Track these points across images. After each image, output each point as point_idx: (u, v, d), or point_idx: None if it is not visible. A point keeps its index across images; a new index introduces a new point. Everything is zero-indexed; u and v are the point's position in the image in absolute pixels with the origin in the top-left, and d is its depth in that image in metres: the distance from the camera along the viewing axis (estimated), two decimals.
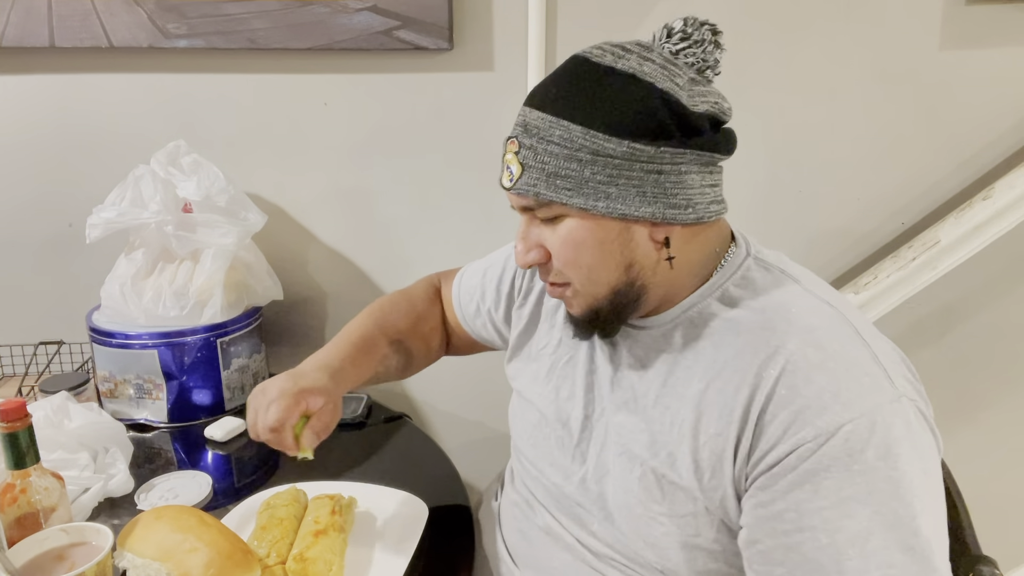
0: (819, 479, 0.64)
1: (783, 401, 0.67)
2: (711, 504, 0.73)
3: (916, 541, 0.63)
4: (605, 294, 0.77)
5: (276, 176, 1.49)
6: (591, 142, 0.71)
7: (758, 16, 1.32)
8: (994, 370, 1.48)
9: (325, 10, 1.35)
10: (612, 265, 0.75)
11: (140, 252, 1.31)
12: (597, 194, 0.72)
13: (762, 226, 1.42)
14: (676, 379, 0.78)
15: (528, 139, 0.74)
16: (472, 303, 1.08)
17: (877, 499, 0.63)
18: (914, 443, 0.65)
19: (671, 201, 0.72)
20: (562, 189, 0.72)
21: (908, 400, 0.67)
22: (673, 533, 0.76)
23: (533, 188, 0.74)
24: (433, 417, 1.62)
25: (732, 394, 0.71)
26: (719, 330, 0.76)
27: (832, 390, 0.66)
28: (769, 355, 0.70)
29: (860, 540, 0.63)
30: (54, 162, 1.49)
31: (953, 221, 1.33)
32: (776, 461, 0.67)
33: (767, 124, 1.38)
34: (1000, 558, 0.80)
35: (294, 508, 0.95)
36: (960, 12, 1.30)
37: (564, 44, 1.35)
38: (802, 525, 0.65)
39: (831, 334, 0.71)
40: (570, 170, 0.72)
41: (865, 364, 0.68)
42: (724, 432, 0.71)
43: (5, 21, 1.37)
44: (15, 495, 0.84)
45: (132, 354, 1.26)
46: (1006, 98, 1.34)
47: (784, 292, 0.76)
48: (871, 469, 0.63)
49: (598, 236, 0.74)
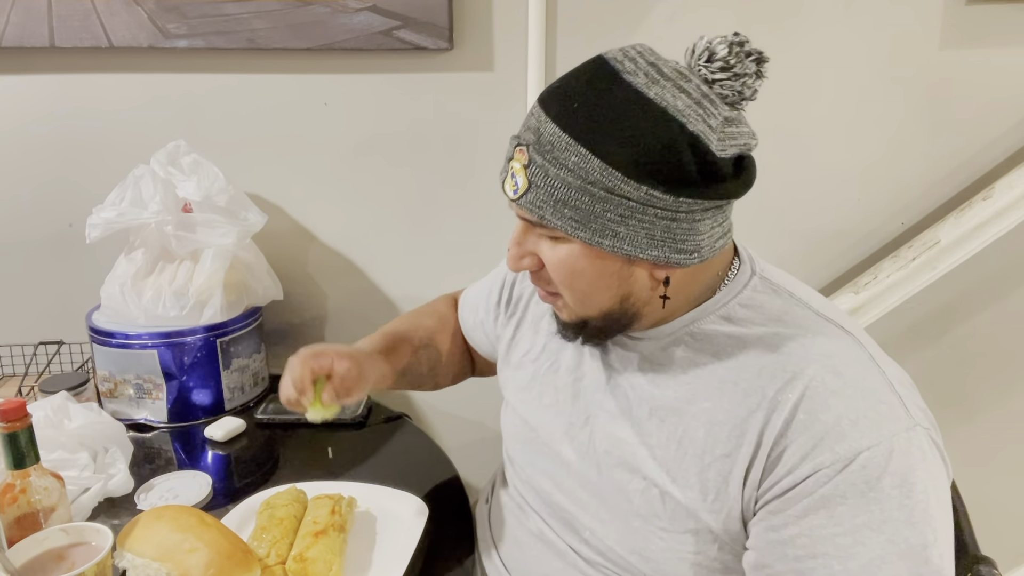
0: (834, 505, 0.64)
1: (801, 426, 0.67)
2: (715, 524, 0.72)
3: (927, 570, 0.63)
4: (595, 314, 0.76)
5: (276, 176, 1.49)
6: (608, 179, 0.67)
7: (758, 16, 1.32)
8: (994, 370, 1.48)
9: (325, 10, 1.35)
10: (607, 295, 0.75)
11: (140, 252, 1.31)
12: (604, 231, 0.69)
13: (762, 226, 1.42)
14: (674, 394, 0.76)
15: (540, 156, 0.69)
16: (473, 317, 1.09)
17: (891, 527, 0.63)
18: (928, 471, 0.65)
19: (678, 247, 0.70)
20: (569, 219, 0.69)
21: (922, 429, 0.67)
22: (673, 548, 0.75)
23: (539, 211, 0.70)
24: (433, 417, 1.62)
25: (744, 416, 0.70)
26: (725, 349, 0.75)
27: (851, 417, 0.66)
28: (787, 380, 0.69)
29: (872, 568, 0.63)
30: (54, 162, 1.49)
31: (953, 221, 1.33)
32: (792, 486, 0.66)
33: (767, 124, 1.37)
34: (1000, 558, 0.80)
35: (294, 508, 0.95)
36: (960, 12, 1.30)
37: (564, 44, 1.35)
38: (815, 552, 0.65)
39: (848, 360, 0.70)
40: (581, 203, 0.68)
41: (882, 392, 0.68)
42: (733, 454, 0.71)
43: (5, 21, 1.37)
44: (15, 495, 0.84)
45: (132, 354, 1.26)
46: (1006, 98, 1.34)
47: (796, 315, 0.75)
48: (886, 497, 0.63)
49: (597, 268, 0.73)
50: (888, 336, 1.45)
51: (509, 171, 0.73)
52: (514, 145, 0.73)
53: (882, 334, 1.44)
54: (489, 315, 1.04)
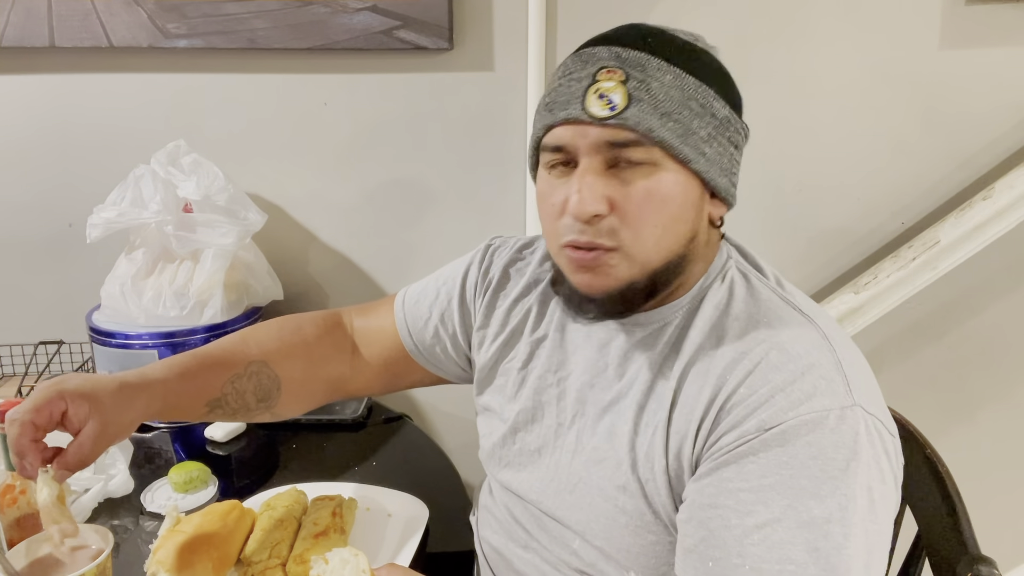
0: (746, 462, 0.64)
1: (740, 398, 0.67)
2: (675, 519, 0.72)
3: (825, 545, 0.61)
4: (656, 263, 0.72)
5: (276, 176, 1.49)
6: (703, 96, 0.69)
7: (758, 16, 1.32)
8: (994, 370, 1.48)
9: (325, 10, 1.35)
10: (682, 231, 0.72)
11: (140, 252, 1.31)
12: (699, 150, 0.69)
13: (762, 226, 1.42)
14: (657, 384, 0.75)
15: (636, 72, 0.68)
16: (423, 321, 0.97)
17: (796, 495, 0.62)
18: (856, 453, 0.62)
19: (733, 180, 0.74)
20: (673, 133, 0.67)
21: (864, 412, 0.64)
22: (663, 542, 0.73)
23: (645, 123, 0.67)
24: (433, 417, 1.62)
25: (696, 396, 0.71)
26: (698, 337, 0.74)
27: (786, 389, 0.65)
28: (735, 359, 0.69)
29: (767, 529, 0.62)
30: (54, 162, 1.49)
31: (953, 221, 1.33)
32: (718, 448, 0.67)
33: (767, 124, 1.38)
34: (1000, 558, 0.80)
35: (294, 509, 0.95)
36: (960, 12, 1.30)
37: (564, 44, 1.35)
38: (716, 503, 0.65)
39: (798, 339, 0.69)
40: (682, 116, 0.68)
41: (824, 368, 0.66)
42: (685, 432, 0.71)
43: (5, 21, 1.37)
44: (15, 496, 0.84)
45: (132, 354, 1.26)
46: (1006, 98, 1.33)
47: (765, 304, 0.74)
48: (800, 465, 0.62)
49: (686, 195, 0.70)
50: (888, 336, 1.45)
51: (593, 92, 0.69)
52: (597, 68, 0.70)
53: (882, 334, 1.44)
54: (460, 325, 0.95)
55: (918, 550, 0.92)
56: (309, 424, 1.30)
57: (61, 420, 0.70)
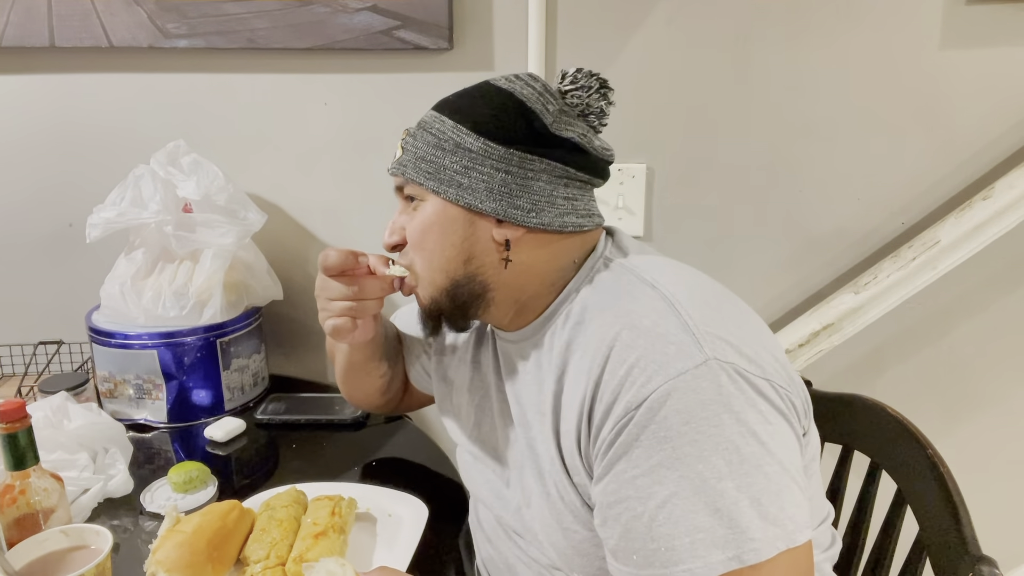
0: (632, 450, 0.66)
1: (605, 386, 0.69)
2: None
3: (723, 502, 0.62)
4: (444, 283, 0.81)
5: (276, 176, 1.49)
6: (456, 135, 0.79)
7: (758, 16, 1.32)
8: (994, 370, 1.48)
9: (325, 10, 1.35)
10: (452, 253, 0.80)
11: (140, 252, 1.31)
12: (451, 182, 0.79)
13: (763, 226, 1.42)
14: (548, 388, 0.79)
15: (417, 130, 0.83)
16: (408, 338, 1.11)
17: (684, 464, 0.63)
18: (726, 404, 0.65)
19: (514, 202, 0.78)
20: (423, 172, 0.80)
21: (719, 363, 0.66)
22: (588, 539, 0.76)
23: (402, 168, 0.82)
24: (433, 417, 1.62)
25: (573, 396, 0.74)
26: (572, 335, 0.77)
27: (640, 366, 0.67)
28: (597, 348, 0.71)
29: (669, 506, 0.63)
30: (54, 162, 1.49)
31: (953, 221, 1.33)
32: (603, 442, 0.69)
33: (767, 123, 1.37)
34: (1000, 558, 0.80)
35: (294, 509, 0.95)
36: (960, 12, 1.30)
37: (564, 44, 1.35)
38: (620, 496, 0.67)
39: (646, 312, 0.71)
40: (434, 156, 0.80)
41: (671, 335, 0.68)
42: (571, 432, 0.74)
43: (5, 21, 1.37)
44: (14, 496, 0.84)
45: (132, 354, 1.26)
46: (1006, 98, 1.33)
47: (619, 287, 0.77)
48: (677, 435, 0.64)
49: (444, 222, 0.80)
50: (888, 336, 1.45)
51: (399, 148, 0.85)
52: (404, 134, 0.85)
53: (882, 334, 1.44)
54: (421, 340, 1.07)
55: (919, 550, 0.92)
56: (309, 424, 1.30)
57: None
